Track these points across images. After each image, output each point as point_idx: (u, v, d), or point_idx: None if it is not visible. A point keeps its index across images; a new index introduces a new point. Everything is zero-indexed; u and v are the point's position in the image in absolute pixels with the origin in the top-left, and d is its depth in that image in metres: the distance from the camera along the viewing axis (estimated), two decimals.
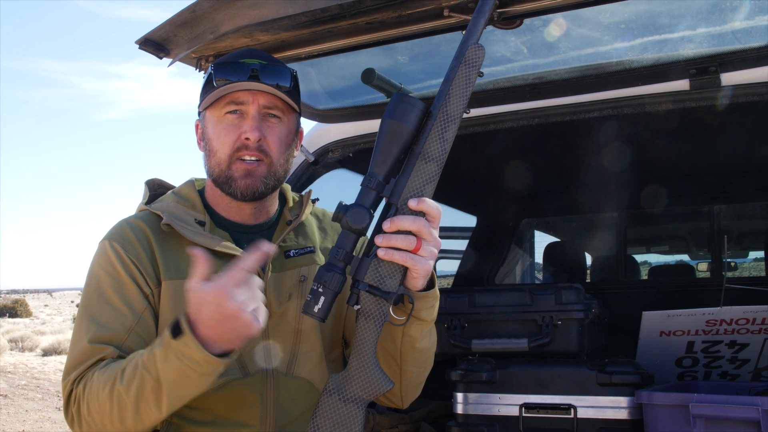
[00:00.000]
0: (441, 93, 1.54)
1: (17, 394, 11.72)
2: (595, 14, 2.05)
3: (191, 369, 1.45)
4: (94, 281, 1.73)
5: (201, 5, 1.90)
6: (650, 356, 2.63)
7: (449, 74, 1.54)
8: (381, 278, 1.51)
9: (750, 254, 6.41)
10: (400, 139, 1.51)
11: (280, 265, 1.81)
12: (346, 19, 1.90)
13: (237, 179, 1.76)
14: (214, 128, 1.78)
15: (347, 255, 1.52)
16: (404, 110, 1.52)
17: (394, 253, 1.49)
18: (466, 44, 1.55)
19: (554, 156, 3.69)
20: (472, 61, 1.54)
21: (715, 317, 2.51)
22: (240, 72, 1.75)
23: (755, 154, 3.54)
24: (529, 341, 2.40)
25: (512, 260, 4.92)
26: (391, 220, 1.50)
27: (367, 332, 1.55)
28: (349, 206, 1.52)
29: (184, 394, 1.51)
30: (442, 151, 1.52)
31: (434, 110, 1.53)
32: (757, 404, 1.91)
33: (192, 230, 1.74)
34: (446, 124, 1.52)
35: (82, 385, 1.59)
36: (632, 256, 5.49)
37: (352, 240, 1.53)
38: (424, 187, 1.52)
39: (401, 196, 1.52)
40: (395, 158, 1.53)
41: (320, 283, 1.50)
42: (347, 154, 2.86)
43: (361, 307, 1.54)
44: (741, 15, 2.14)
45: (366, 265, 1.52)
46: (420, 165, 1.52)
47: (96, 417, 1.56)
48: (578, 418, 2.22)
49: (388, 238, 1.49)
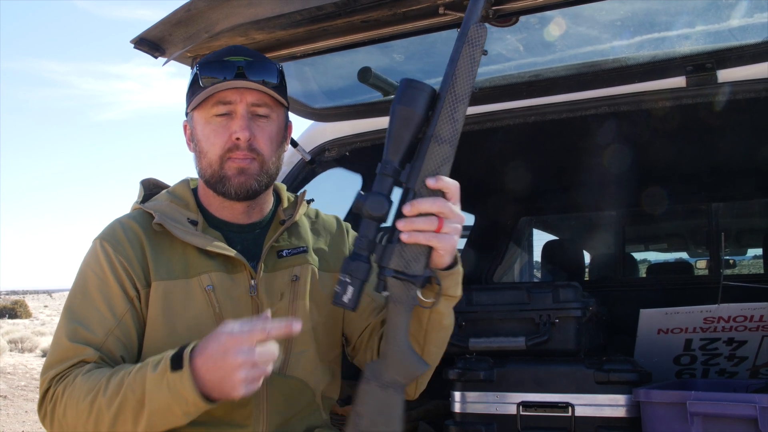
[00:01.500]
0: (447, 74, 1.54)
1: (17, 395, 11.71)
2: (592, 11, 2.05)
3: (178, 405, 1.46)
4: (81, 280, 1.73)
5: (196, 4, 1.90)
6: (648, 354, 2.62)
7: (453, 55, 1.55)
8: (406, 263, 1.52)
9: (748, 251, 6.42)
10: (411, 124, 1.53)
11: (273, 264, 1.81)
12: (341, 17, 1.89)
13: (231, 177, 1.75)
14: (203, 129, 1.77)
15: (370, 243, 1.53)
16: (413, 95, 1.53)
17: (418, 235, 1.50)
18: (468, 24, 1.55)
19: (552, 154, 3.68)
20: (475, 40, 1.54)
21: (713, 315, 2.51)
22: (226, 70, 1.73)
23: (753, 151, 3.54)
24: (527, 340, 2.40)
25: (510, 259, 4.92)
26: (411, 204, 1.50)
27: (398, 317, 1.56)
28: (367, 195, 1.52)
29: (163, 424, 1.51)
30: (453, 132, 1.53)
31: (442, 92, 1.54)
32: (755, 401, 1.91)
33: (184, 230, 1.73)
34: (455, 104, 1.53)
35: (62, 387, 1.59)
36: (631, 254, 5.50)
37: (374, 228, 1.54)
38: (440, 168, 1.53)
39: (418, 180, 1.52)
40: (408, 143, 1.54)
41: (347, 273, 1.51)
42: (344, 153, 2.85)
43: (390, 293, 1.55)
44: (738, 12, 2.13)
45: (390, 251, 1.53)
46: (433, 147, 1.52)
47: (70, 421, 1.57)
48: (576, 417, 2.22)
49: (410, 221, 1.50)
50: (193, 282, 1.71)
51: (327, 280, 1.88)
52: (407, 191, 1.53)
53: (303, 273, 1.82)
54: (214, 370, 1.43)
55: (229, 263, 1.75)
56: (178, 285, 1.71)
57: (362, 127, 2.75)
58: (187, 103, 1.82)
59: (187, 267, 1.72)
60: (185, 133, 1.88)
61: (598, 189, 4.20)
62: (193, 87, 1.79)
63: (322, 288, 1.86)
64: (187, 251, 1.73)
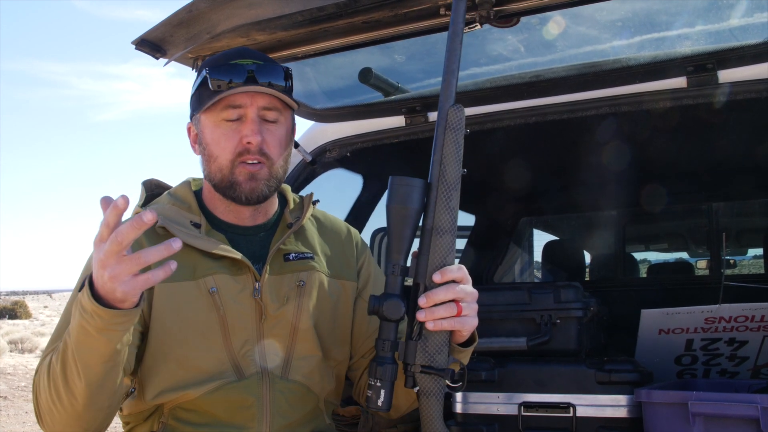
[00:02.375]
0: (434, 162, 1.57)
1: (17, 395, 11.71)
2: (592, 12, 2.05)
3: (87, 322, 1.40)
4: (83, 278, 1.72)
5: (197, 5, 1.90)
6: (649, 354, 2.62)
7: (437, 142, 1.57)
8: (431, 356, 1.56)
9: (749, 251, 6.41)
10: (410, 220, 1.56)
11: (279, 267, 1.80)
12: (342, 18, 1.90)
13: (241, 183, 1.75)
14: (212, 133, 1.76)
15: (393, 344, 1.57)
16: (405, 193, 1.55)
17: (443, 323, 1.54)
18: (444, 108, 1.57)
19: (552, 154, 3.68)
20: (456, 124, 1.57)
21: (714, 315, 2.51)
22: (236, 74, 1.72)
23: (753, 151, 3.54)
24: (528, 340, 2.40)
25: (511, 259, 4.92)
26: (426, 296, 1.54)
27: (431, 409, 1.59)
28: (382, 298, 1.56)
29: (89, 357, 1.46)
30: (452, 220, 1.56)
31: (433, 181, 1.56)
32: (757, 402, 1.91)
33: (187, 232, 1.73)
34: (449, 192, 1.56)
35: (37, 375, 1.59)
36: (631, 254, 5.50)
37: (393, 329, 1.58)
38: (446, 258, 1.56)
39: (427, 275, 1.56)
40: (410, 239, 1.57)
41: (376, 378, 1.56)
42: (345, 154, 2.85)
43: (420, 387, 1.59)
44: (738, 12, 2.14)
45: (413, 348, 1.57)
46: (435, 240, 1.56)
47: (43, 403, 1.56)
48: (577, 417, 2.22)
49: (431, 311, 1.53)
50: (197, 284, 1.71)
51: (334, 286, 1.88)
52: (417, 285, 1.57)
53: (310, 279, 1.82)
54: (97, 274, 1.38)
55: (234, 265, 1.75)
56: (182, 287, 1.70)
57: (363, 127, 2.75)
58: (194, 106, 1.80)
59: (191, 269, 1.72)
60: (189, 135, 1.86)
61: (598, 189, 4.20)
62: (202, 89, 1.77)
63: (329, 294, 1.86)
64: (191, 254, 1.72)
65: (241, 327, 1.73)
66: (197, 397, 1.68)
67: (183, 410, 1.70)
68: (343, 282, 1.90)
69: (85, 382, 1.47)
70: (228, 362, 1.71)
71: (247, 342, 1.73)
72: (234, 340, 1.72)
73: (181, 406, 1.70)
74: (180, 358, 1.68)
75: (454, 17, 1.59)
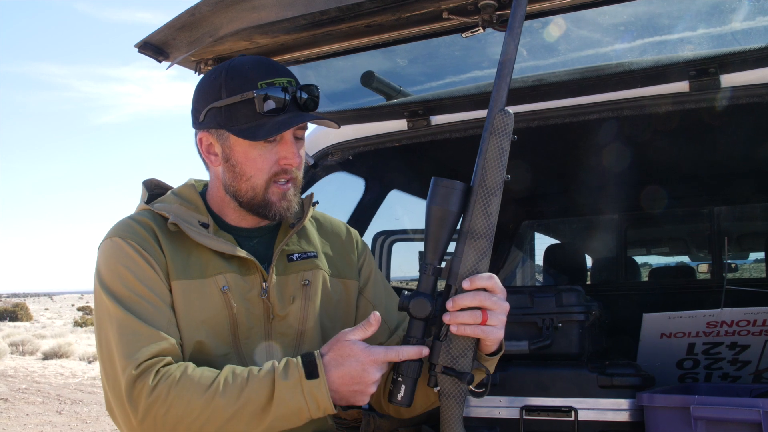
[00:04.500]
0: (477, 167, 1.57)
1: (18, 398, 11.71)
2: (595, 16, 2.05)
3: (308, 410, 1.54)
4: (116, 279, 1.66)
5: (200, 8, 1.90)
6: (651, 358, 2.62)
7: (482, 146, 1.57)
8: (454, 358, 1.57)
9: (750, 255, 6.41)
10: (448, 223, 1.57)
11: (284, 268, 1.81)
12: (345, 21, 1.90)
13: (275, 203, 1.76)
14: (247, 152, 1.73)
15: (419, 342, 1.58)
16: (445, 195, 1.56)
17: (466, 328, 1.55)
18: (493, 112, 1.56)
19: (554, 158, 3.69)
20: (502, 129, 1.56)
21: (716, 319, 2.51)
22: (292, 103, 1.71)
23: (755, 155, 3.54)
24: (530, 344, 2.39)
25: (512, 262, 4.92)
26: (453, 300, 1.55)
27: (450, 410, 1.61)
28: (412, 296, 1.57)
29: (283, 426, 1.56)
30: (489, 226, 1.57)
31: (474, 185, 1.57)
32: (758, 406, 1.91)
33: (197, 231, 1.73)
34: (488, 198, 1.56)
35: (165, 386, 1.53)
36: (633, 258, 5.49)
37: (421, 327, 1.59)
38: (478, 263, 1.58)
39: (459, 277, 1.57)
40: (446, 242, 1.59)
41: (399, 373, 1.58)
42: (347, 157, 2.86)
43: (441, 388, 1.61)
44: (740, 16, 2.13)
45: (438, 348, 1.58)
46: (470, 243, 1.57)
47: (171, 420, 1.52)
48: (579, 421, 2.22)
49: (455, 315, 1.55)
50: (209, 282, 1.71)
51: (337, 286, 1.89)
52: (449, 287, 1.58)
53: (314, 278, 1.83)
54: (351, 384, 1.55)
55: (243, 266, 1.76)
56: (194, 285, 1.70)
57: (365, 131, 2.75)
58: (224, 121, 1.72)
59: (202, 267, 1.72)
60: (201, 145, 1.80)
61: (599, 193, 4.20)
62: (246, 107, 1.70)
63: (331, 293, 1.87)
64: (202, 252, 1.73)
65: (250, 326, 1.74)
66: None
67: None
68: (344, 281, 1.91)
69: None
70: (236, 360, 1.71)
71: (255, 341, 1.73)
72: (243, 339, 1.73)
73: None
74: (190, 356, 1.68)
75: (511, 22, 1.57)
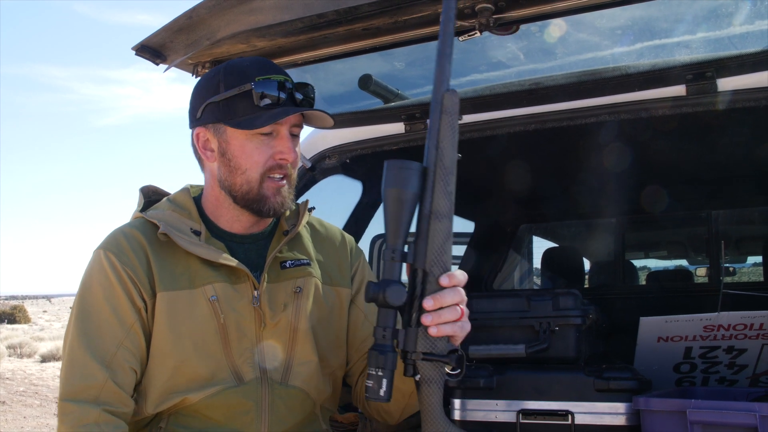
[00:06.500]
0: (430, 147, 1.53)
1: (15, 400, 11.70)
2: (592, 19, 2.05)
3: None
4: (86, 293, 1.72)
5: (198, 11, 1.90)
6: (648, 362, 2.62)
7: (432, 126, 1.54)
8: (432, 343, 1.53)
9: (748, 259, 6.42)
10: (407, 205, 1.52)
11: (276, 275, 1.81)
12: (342, 25, 1.90)
13: (269, 198, 1.76)
14: (243, 146, 1.74)
15: (393, 332, 1.52)
16: (403, 177, 1.52)
17: (445, 327, 1.51)
18: (439, 92, 1.54)
19: (552, 161, 3.68)
20: (451, 108, 1.53)
21: (713, 323, 2.51)
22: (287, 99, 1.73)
23: (753, 159, 3.55)
24: (527, 347, 2.39)
25: (510, 266, 4.92)
26: (433, 298, 1.49)
27: (432, 397, 1.56)
28: (382, 284, 1.51)
29: None
30: (450, 205, 1.53)
31: (430, 166, 1.53)
32: (755, 410, 1.90)
33: (188, 240, 1.73)
34: (447, 177, 1.53)
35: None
36: (630, 262, 5.50)
37: (393, 316, 1.53)
38: (444, 245, 1.52)
39: (426, 260, 1.51)
40: (407, 224, 1.53)
41: (377, 367, 1.51)
42: (344, 160, 2.86)
43: (421, 375, 1.55)
44: (738, 20, 2.14)
45: (413, 335, 1.52)
46: (434, 225, 1.52)
47: None
48: (576, 424, 2.21)
49: (437, 315, 1.49)
50: (197, 292, 1.71)
51: (329, 293, 1.89)
52: (415, 271, 1.53)
53: (306, 285, 1.82)
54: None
55: (233, 274, 1.75)
56: (182, 295, 1.70)
57: (363, 134, 2.75)
58: (221, 115, 1.75)
59: (191, 277, 1.72)
60: (197, 141, 1.82)
61: (598, 196, 4.20)
62: (240, 101, 1.72)
63: (324, 301, 1.86)
64: (191, 261, 1.73)
65: (241, 335, 1.73)
66: (196, 402, 1.68)
67: (182, 415, 1.70)
68: (337, 289, 1.91)
69: None
70: (227, 368, 1.71)
71: (247, 349, 1.73)
72: (234, 348, 1.72)
73: (180, 411, 1.70)
74: (179, 366, 1.68)
75: (446, 2, 1.55)
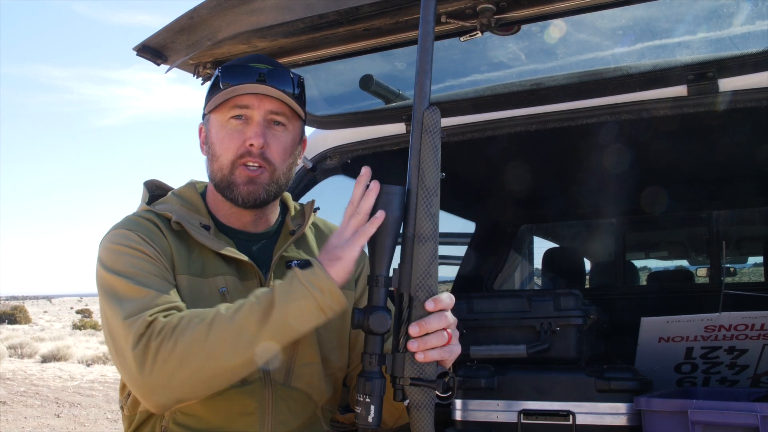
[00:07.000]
0: (412, 168, 1.50)
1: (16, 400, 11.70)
2: (593, 19, 2.05)
3: (312, 296, 1.48)
4: (119, 258, 1.64)
5: (199, 12, 1.90)
6: (649, 362, 2.62)
7: (413, 146, 1.51)
8: (420, 368, 1.50)
9: (749, 259, 6.41)
10: (391, 229, 1.50)
11: (281, 275, 1.79)
12: (343, 25, 1.90)
13: (239, 185, 1.75)
14: (217, 132, 1.77)
15: (380, 358, 1.50)
16: (385, 201, 1.50)
17: (432, 353, 1.48)
18: (419, 111, 1.51)
19: (553, 162, 3.69)
20: (432, 127, 1.50)
21: (714, 323, 2.51)
22: (247, 75, 1.74)
23: (754, 159, 3.55)
24: (528, 347, 2.39)
25: (511, 266, 4.92)
26: (419, 325, 1.46)
27: (422, 422, 1.52)
28: (367, 311, 1.49)
29: (289, 329, 1.49)
30: (433, 227, 1.50)
31: (412, 188, 1.50)
32: (756, 410, 1.90)
33: (199, 232, 1.74)
34: (429, 198, 1.50)
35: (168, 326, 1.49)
36: (631, 262, 5.50)
37: (379, 342, 1.50)
38: (429, 268, 1.49)
39: (411, 284, 1.49)
40: (391, 248, 1.51)
41: (365, 394, 1.48)
42: (345, 161, 2.86)
43: (410, 401, 1.51)
44: (739, 21, 2.14)
45: (401, 360, 1.49)
46: (418, 248, 1.48)
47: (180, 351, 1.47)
48: (577, 425, 2.21)
49: (424, 341, 1.47)
50: (209, 282, 1.72)
51: None
52: (401, 296, 1.50)
53: None
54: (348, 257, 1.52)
55: (242, 270, 1.76)
56: (197, 282, 1.71)
57: (364, 134, 2.75)
58: (205, 105, 1.83)
59: (203, 267, 1.72)
60: (200, 135, 1.88)
61: (598, 196, 4.20)
62: (213, 90, 1.80)
63: None
64: (203, 253, 1.74)
65: None
66: (199, 401, 1.68)
67: (183, 414, 1.70)
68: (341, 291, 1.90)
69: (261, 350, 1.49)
70: None
71: None
72: None
73: (181, 410, 1.70)
74: None
75: (423, 15, 1.52)
